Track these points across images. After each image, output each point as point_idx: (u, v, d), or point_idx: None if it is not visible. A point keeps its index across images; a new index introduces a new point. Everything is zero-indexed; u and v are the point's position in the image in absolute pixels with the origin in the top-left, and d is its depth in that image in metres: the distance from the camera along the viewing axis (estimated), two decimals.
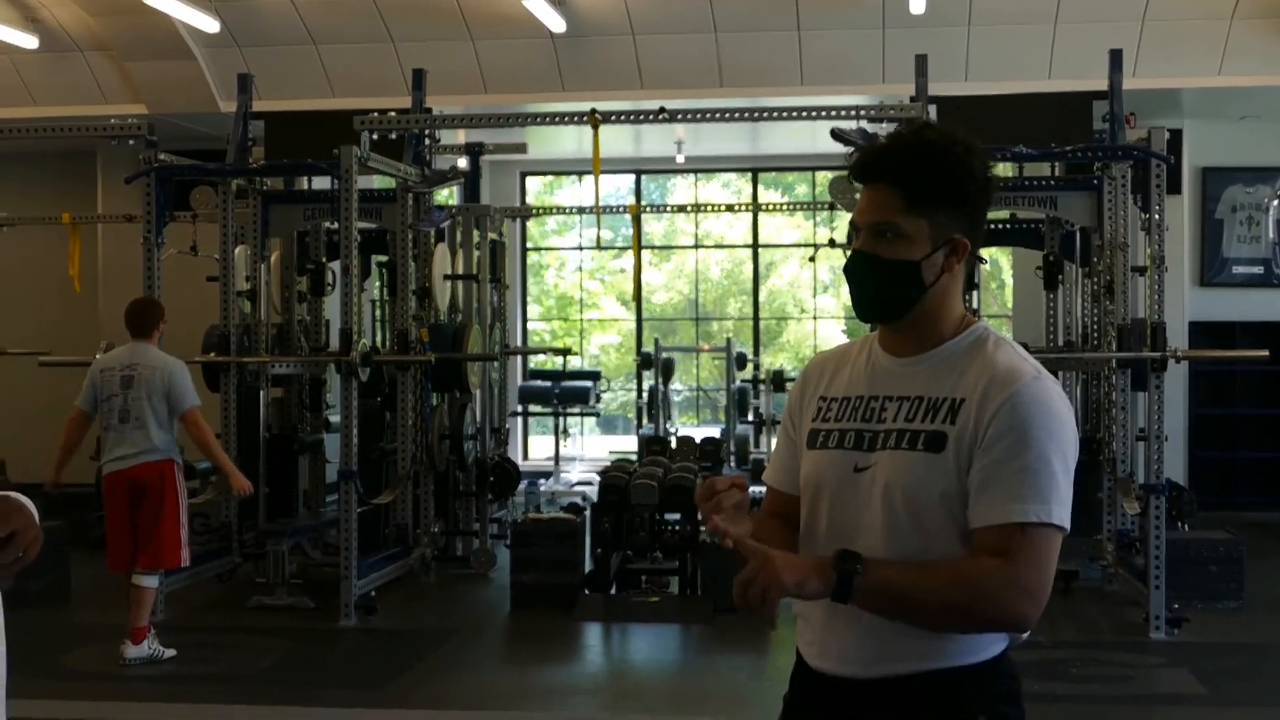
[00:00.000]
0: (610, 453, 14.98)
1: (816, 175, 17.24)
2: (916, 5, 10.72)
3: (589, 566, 9.36)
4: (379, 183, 10.57)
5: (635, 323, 18.05)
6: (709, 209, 17.16)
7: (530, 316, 18.21)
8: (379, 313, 12.54)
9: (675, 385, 15.89)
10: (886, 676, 2.38)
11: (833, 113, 8.93)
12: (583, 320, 19.58)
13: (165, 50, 11.97)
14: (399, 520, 9.91)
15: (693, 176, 18.26)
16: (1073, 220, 10.00)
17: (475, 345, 10.67)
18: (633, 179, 17.61)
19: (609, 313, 20.75)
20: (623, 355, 19.60)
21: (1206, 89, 11.81)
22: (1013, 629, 2.38)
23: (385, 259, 10.94)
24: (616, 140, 14.54)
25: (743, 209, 16.34)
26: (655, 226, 19.31)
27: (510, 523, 10.57)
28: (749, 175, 17.90)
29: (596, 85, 11.98)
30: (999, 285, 17.57)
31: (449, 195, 11.64)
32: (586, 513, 9.89)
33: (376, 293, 12.36)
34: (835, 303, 18.68)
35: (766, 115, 9.64)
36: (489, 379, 11.36)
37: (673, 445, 12.67)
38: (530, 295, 18.26)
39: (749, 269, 18.38)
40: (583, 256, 19.35)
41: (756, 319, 18.14)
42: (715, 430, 14.80)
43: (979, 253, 2.55)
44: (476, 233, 11.38)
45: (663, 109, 9.06)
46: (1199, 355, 11.59)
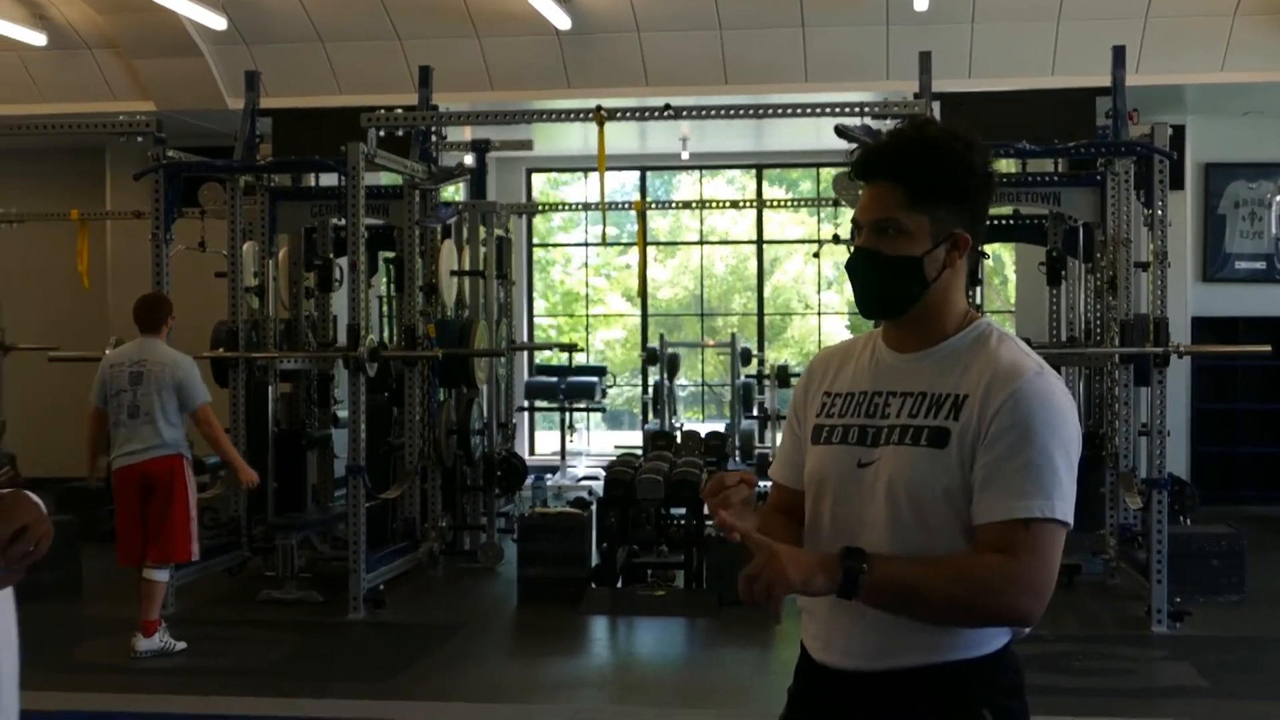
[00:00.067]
0: (616, 448, 14.96)
1: (821, 171, 17.24)
2: (920, 2, 10.72)
3: (595, 561, 9.35)
4: (386, 179, 10.57)
5: (640, 318, 18.06)
6: (714, 205, 17.16)
7: (536, 312, 18.22)
8: (386, 308, 12.56)
9: (680, 380, 15.90)
10: (890, 670, 2.39)
11: (837, 109, 8.92)
12: (588, 316, 19.59)
13: (173, 47, 11.98)
14: (407, 515, 9.93)
15: (697, 173, 18.26)
16: (1076, 216, 10.00)
17: (482, 341, 10.68)
18: (638, 175, 17.62)
19: (614, 308, 20.77)
20: (628, 350, 19.61)
21: (1209, 85, 11.81)
22: (1017, 624, 2.38)
23: (392, 255, 10.96)
24: (622, 137, 14.53)
25: (747, 205, 16.34)
26: (660, 222, 19.33)
27: (517, 517, 10.59)
28: (753, 171, 17.90)
29: (602, 82, 11.99)
30: (1002, 281, 17.56)
31: (455, 192, 11.67)
32: (593, 507, 9.90)
33: (384, 288, 12.38)
34: (839, 298, 18.66)
35: (771, 112, 9.60)
36: (495, 374, 11.37)
37: (678, 440, 12.68)
38: (536, 291, 18.28)
39: (753, 265, 18.39)
40: (588, 252, 19.35)
41: (761, 314, 18.15)
42: (720, 425, 14.78)
43: (981, 248, 2.55)
44: (483, 229, 11.39)
45: (668, 106, 9.06)
46: (1201, 350, 11.58)
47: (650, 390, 14.65)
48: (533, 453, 16.75)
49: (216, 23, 11.50)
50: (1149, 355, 8.51)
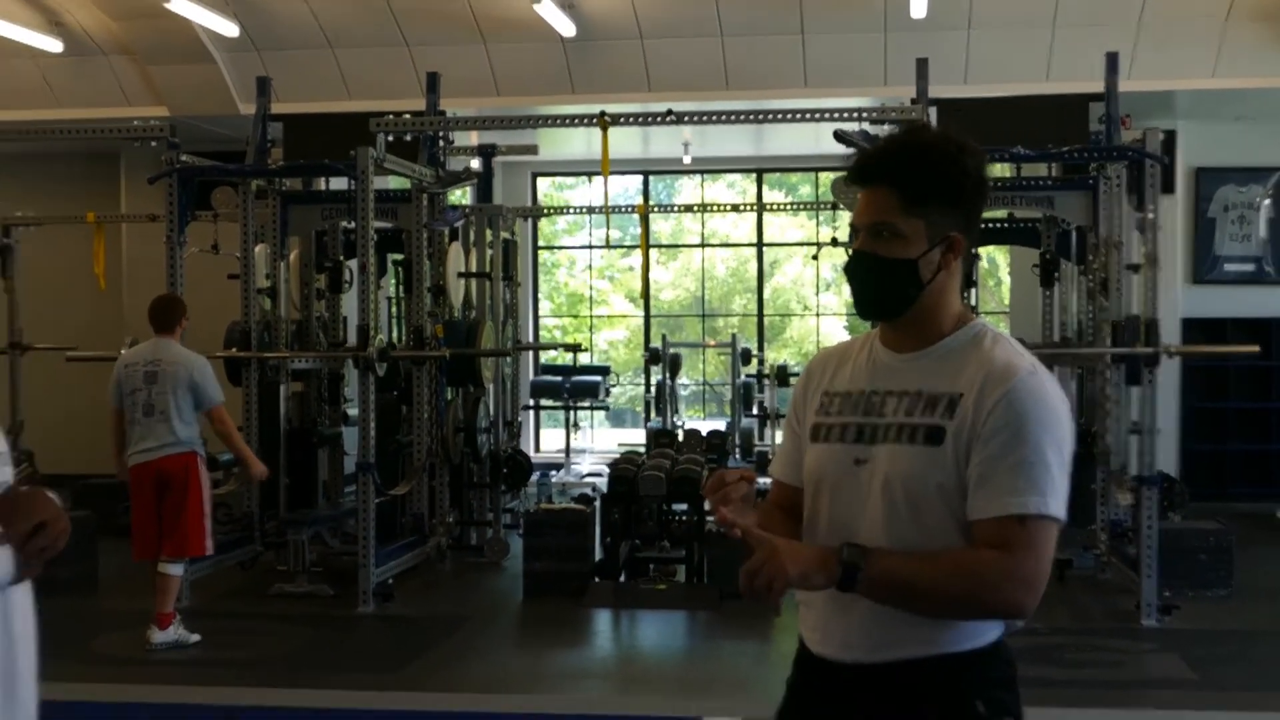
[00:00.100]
0: (619, 445, 14.95)
1: (819, 176, 17.23)
2: (917, 9, 10.71)
3: (599, 555, 9.36)
4: (394, 183, 10.57)
5: (643, 319, 18.07)
6: (715, 209, 17.16)
7: (541, 313, 18.23)
8: (395, 309, 12.57)
9: (682, 380, 15.89)
10: (886, 662, 2.39)
11: (835, 115, 8.92)
12: (592, 317, 19.58)
13: (186, 54, 11.98)
14: (415, 510, 9.93)
15: (699, 177, 18.26)
16: (1069, 219, 9.98)
17: (488, 341, 10.68)
18: (641, 179, 17.63)
19: (618, 309, 20.77)
20: (631, 351, 19.62)
21: (1200, 91, 11.79)
22: (1011, 617, 2.39)
23: (401, 257, 10.95)
24: (625, 142, 14.53)
25: (748, 209, 16.32)
26: (663, 226, 19.33)
27: (523, 513, 10.56)
28: (754, 176, 17.91)
29: (605, 88, 11.98)
30: (996, 282, 17.56)
31: (462, 195, 11.64)
32: (596, 503, 9.89)
33: (393, 290, 12.39)
34: (837, 300, 18.67)
35: (771, 117, 9.63)
36: (502, 374, 11.37)
37: (680, 438, 12.68)
38: (541, 292, 18.28)
39: (754, 267, 18.39)
40: (592, 255, 19.35)
41: (761, 315, 18.16)
42: (721, 423, 14.78)
43: (976, 250, 2.56)
44: (489, 232, 11.38)
45: (670, 111, 9.05)
46: (1192, 351, 11.58)
47: (653, 389, 14.65)
48: (538, 450, 16.75)
49: (229, 30, 11.50)
50: (1140, 355, 8.51)
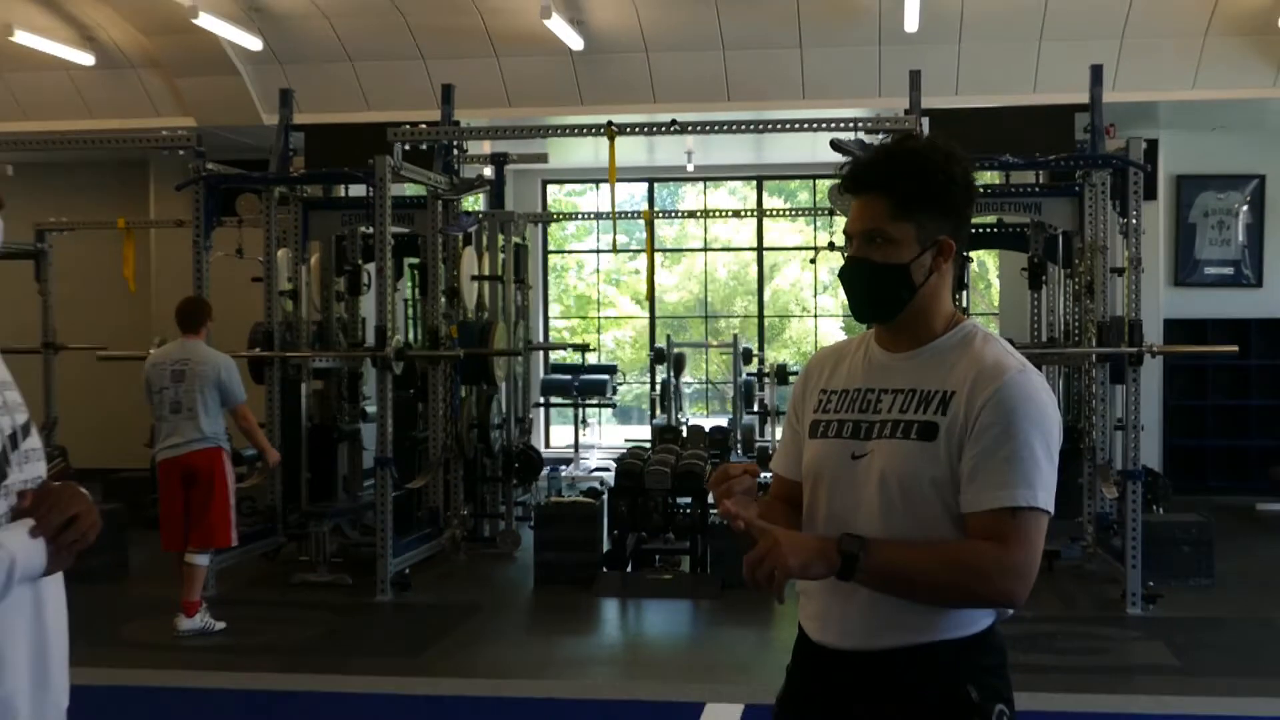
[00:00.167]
0: (626, 441, 14.94)
1: (817, 183, 17.21)
2: (910, 24, 10.70)
3: (607, 546, 9.34)
4: (411, 190, 10.57)
5: (649, 320, 18.04)
6: (717, 214, 17.13)
7: (551, 315, 18.22)
8: (411, 311, 12.57)
9: (686, 378, 15.87)
10: (882, 649, 2.39)
11: (832, 125, 8.91)
12: (600, 318, 19.58)
13: (212, 67, 12.00)
14: (431, 503, 9.94)
15: (702, 184, 18.24)
16: (1056, 224, 9.96)
17: (501, 341, 10.68)
18: (646, 186, 17.60)
19: (624, 311, 20.76)
20: (637, 350, 19.61)
21: (1181, 102, 11.78)
22: (1004, 605, 2.38)
23: (417, 261, 10.96)
24: (631, 150, 14.54)
25: (748, 214, 16.30)
26: (667, 231, 19.34)
27: (534, 506, 10.59)
28: (754, 183, 17.90)
29: (612, 99, 11.99)
30: (986, 285, 17.53)
31: (475, 202, 11.67)
32: (604, 496, 9.90)
33: (409, 292, 12.39)
34: (834, 302, 18.65)
35: (770, 127, 9.58)
36: (513, 372, 11.37)
37: (684, 434, 12.66)
38: (551, 295, 18.27)
39: (754, 270, 18.38)
40: (600, 259, 19.36)
41: (761, 317, 18.15)
42: (723, 420, 14.76)
43: (966, 253, 2.55)
44: (501, 237, 11.38)
45: (674, 121, 9.05)
46: (1173, 350, 11.56)
47: (658, 387, 14.63)
48: (548, 446, 16.76)
49: (253, 44, 11.51)
50: (1124, 355, 8.50)
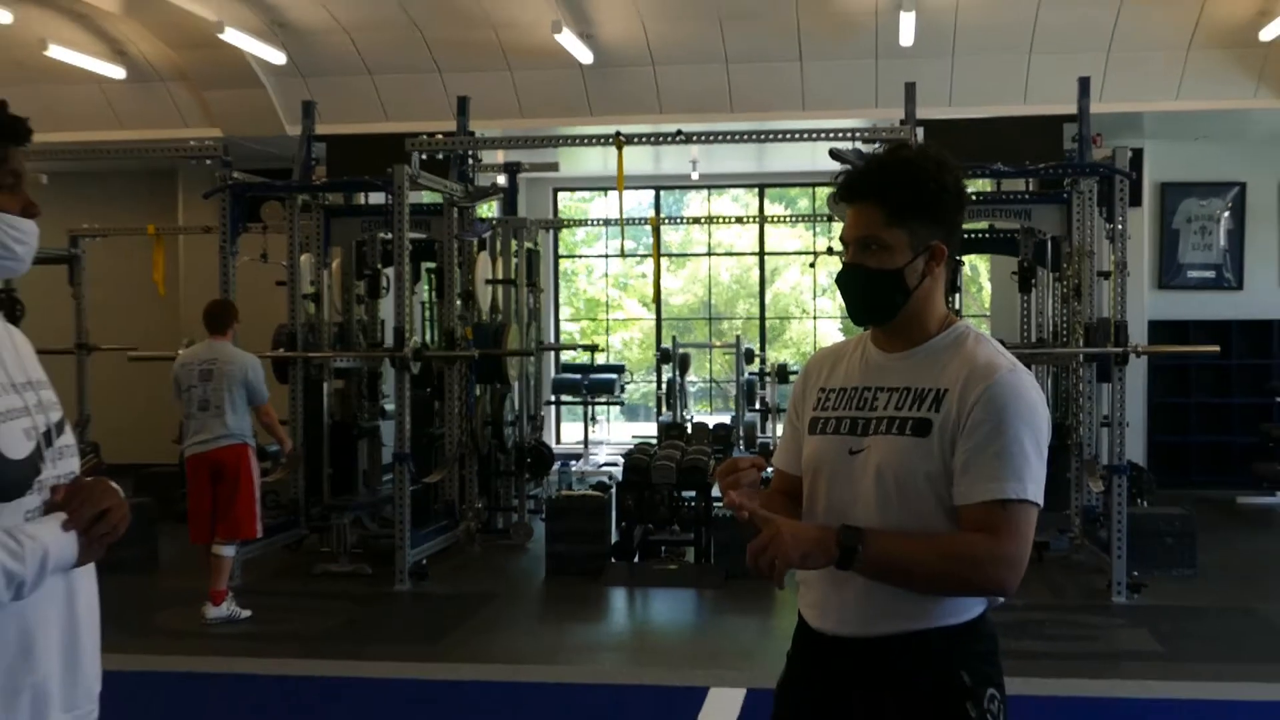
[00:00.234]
0: (633, 437, 14.94)
1: (816, 190, 17.21)
2: (906, 38, 10.68)
3: (615, 538, 9.35)
4: (428, 198, 10.57)
5: (655, 322, 18.02)
6: (720, 220, 17.14)
7: (562, 317, 18.21)
8: (428, 313, 12.56)
9: (691, 377, 15.88)
10: (878, 636, 2.39)
11: (831, 135, 8.92)
12: (608, 320, 19.57)
13: (238, 80, 12.01)
14: (447, 497, 9.94)
15: (706, 191, 18.23)
16: (1045, 230, 9.95)
17: (514, 342, 10.68)
18: (652, 194, 17.60)
19: (632, 313, 20.74)
20: (644, 351, 19.58)
21: (1166, 112, 11.76)
22: (996, 594, 2.38)
23: (434, 265, 10.95)
24: (638, 159, 14.51)
25: (750, 220, 16.32)
26: (673, 236, 19.34)
27: (545, 499, 10.58)
28: (756, 190, 17.88)
29: (620, 110, 11.98)
30: (978, 288, 17.50)
31: (489, 209, 11.65)
32: (612, 490, 9.90)
33: (426, 295, 12.39)
34: (832, 304, 18.62)
35: (772, 137, 9.57)
36: (526, 372, 11.37)
37: (689, 431, 12.66)
38: (562, 298, 18.27)
39: (756, 274, 18.38)
40: (608, 263, 19.34)
41: (763, 318, 18.14)
42: (726, 417, 14.77)
43: (959, 257, 2.55)
44: (514, 242, 11.38)
45: (679, 131, 9.04)
46: (1157, 350, 11.53)
47: (664, 386, 14.63)
48: (559, 442, 16.76)
49: (276, 58, 11.52)
50: (1110, 354, 8.49)
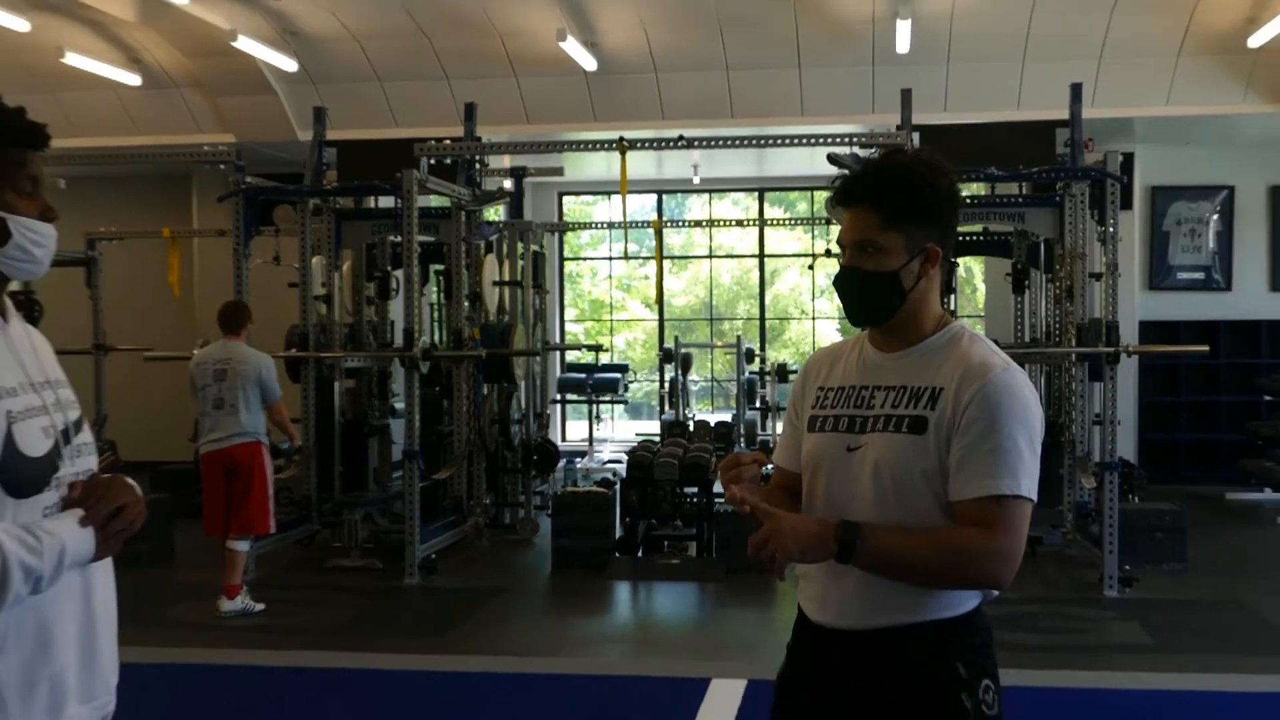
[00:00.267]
0: (636, 435, 14.96)
1: (815, 194, 17.22)
2: (902, 45, 10.69)
3: (619, 533, 9.36)
4: (436, 201, 10.58)
5: (658, 322, 18.05)
6: (721, 224, 17.11)
7: (567, 318, 18.23)
8: (437, 314, 12.56)
9: (693, 377, 15.87)
10: (876, 628, 2.39)
11: (829, 140, 8.90)
12: (612, 320, 19.58)
13: (251, 87, 12.02)
14: (455, 493, 9.94)
15: (707, 195, 18.25)
16: (1038, 232, 9.95)
17: (520, 342, 10.68)
18: (655, 198, 17.61)
19: (635, 314, 20.75)
20: (647, 351, 19.61)
21: (1156, 118, 11.75)
22: (991, 587, 2.38)
23: (442, 267, 10.95)
24: (641, 164, 14.53)
25: (750, 224, 16.28)
26: (674, 239, 19.32)
27: (551, 495, 10.59)
28: (756, 194, 17.89)
29: (624, 117, 11.99)
30: (973, 289, 17.49)
31: (496, 212, 11.65)
32: (617, 487, 9.89)
33: (434, 297, 12.39)
34: (831, 305, 18.60)
35: (771, 142, 9.56)
36: (532, 371, 11.37)
37: (691, 429, 12.67)
38: (567, 299, 18.28)
39: (756, 276, 18.38)
40: (612, 265, 19.36)
41: (763, 319, 18.14)
42: (727, 415, 14.77)
43: (953, 259, 2.55)
44: (520, 245, 11.38)
45: (681, 137, 9.05)
46: (1148, 350, 11.54)
47: (666, 385, 14.64)
48: (564, 439, 16.77)
49: (288, 65, 11.53)
50: (1102, 354, 8.49)
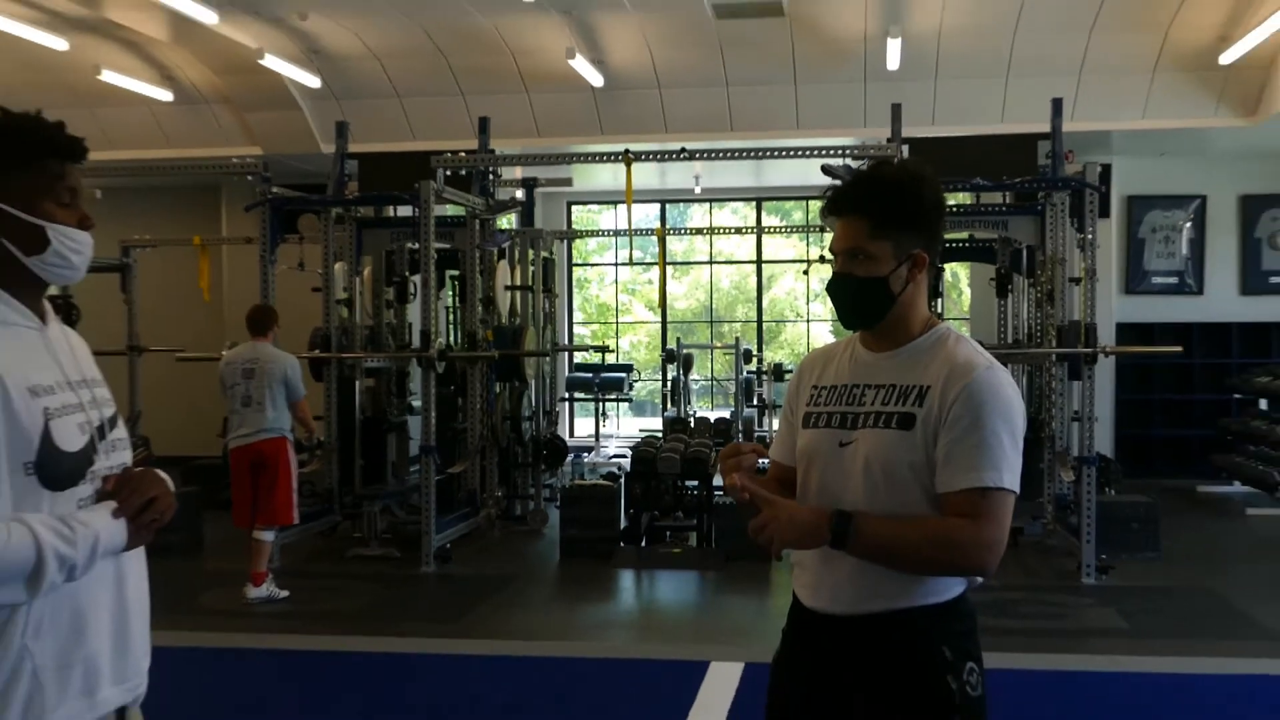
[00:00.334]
0: (640, 431, 14.96)
1: (810, 203, 17.19)
2: (892, 63, 10.68)
3: (624, 524, 9.36)
4: (451, 210, 10.57)
5: (661, 325, 18.04)
6: (721, 231, 17.14)
7: (575, 320, 18.22)
8: (452, 317, 12.56)
9: (693, 376, 15.87)
10: (867, 614, 2.39)
11: (823, 152, 8.91)
12: (618, 323, 19.58)
13: (277, 102, 12.03)
14: (469, 486, 9.94)
15: (708, 205, 18.23)
16: (1020, 239, 9.94)
17: (531, 344, 10.69)
18: (659, 207, 17.60)
19: (639, 317, 20.76)
20: (650, 351, 19.62)
21: (1133, 131, 11.73)
22: (976, 574, 2.38)
23: (457, 273, 10.96)
24: (645, 175, 14.54)
25: (749, 231, 16.25)
26: (677, 246, 19.34)
27: (559, 488, 10.59)
28: (754, 203, 17.86)
29: (629, 130, 11.99)
30: (958, 293, 17.48)
31: (508, 220, 11.66)
32: (622, 480, 9.90)
33: (450, 300, 12.39)
34: (824, 309, 18.60)
35: (768, 154, 9.55)
36: (542, 371, 11.37)
37: (692, 425, 12.66)
38: (575, 303, 18.27)
39: (754, 281, 18.35)
40: (618, 271, 19.36)
41: (760, 322, 18.12)
42: (726, 412, 14.76)
43: (940, 264, 2.55)
44: (531, 251, 11.39)
45: (683, 149, 9.04)
46: (1124, 351, 11.54)
47: (669, 384, 14.63)
48: (572, 435, 16.75)
49: (312, 82, 11.54)
50: (1080, 354, 8.48)
